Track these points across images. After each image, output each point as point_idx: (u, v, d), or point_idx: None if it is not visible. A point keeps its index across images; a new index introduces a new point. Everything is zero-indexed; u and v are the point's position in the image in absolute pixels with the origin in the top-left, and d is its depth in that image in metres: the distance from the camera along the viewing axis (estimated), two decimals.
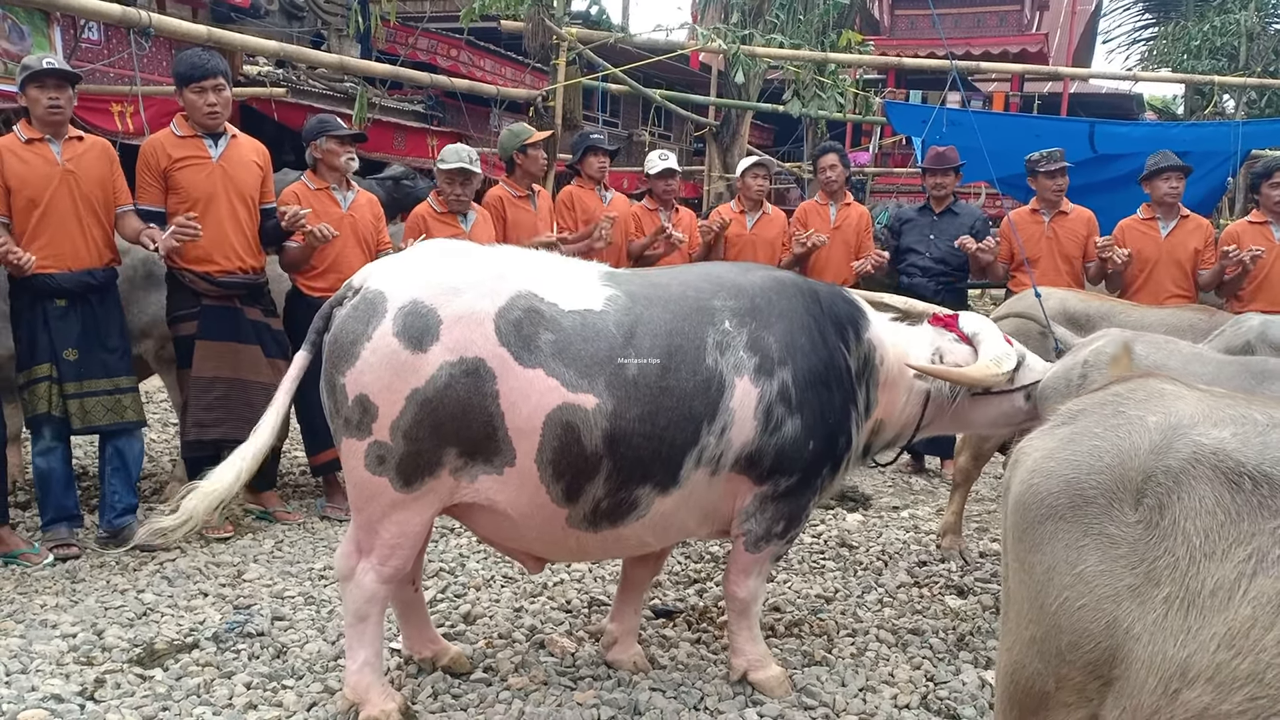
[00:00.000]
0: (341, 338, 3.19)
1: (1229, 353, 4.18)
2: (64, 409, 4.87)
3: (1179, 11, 20.88)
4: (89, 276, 4.93)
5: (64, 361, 4.85)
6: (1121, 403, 2.03)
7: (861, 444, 3.87)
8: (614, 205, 7.10)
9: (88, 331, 4.93)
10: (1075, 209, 6.88)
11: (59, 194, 4.81)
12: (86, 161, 4.93)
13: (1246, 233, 6.40)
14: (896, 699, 3.76)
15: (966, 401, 3.94)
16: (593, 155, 7.04)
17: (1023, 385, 4.02)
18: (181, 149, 5.17)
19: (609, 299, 3.33)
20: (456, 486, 3.25)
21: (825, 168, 7.38)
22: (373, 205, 5.96)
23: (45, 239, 4.80)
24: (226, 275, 5.25)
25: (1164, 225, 6.50)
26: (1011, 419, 4.10)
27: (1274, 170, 6.34)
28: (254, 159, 5.42)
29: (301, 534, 5.44)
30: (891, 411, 3.92)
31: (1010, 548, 2.12)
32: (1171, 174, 6.45)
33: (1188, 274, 6.46)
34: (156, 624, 4.17)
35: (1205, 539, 1.81)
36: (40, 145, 4.82)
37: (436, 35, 15.36)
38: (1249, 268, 6.07)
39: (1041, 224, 6.84)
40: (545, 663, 3.91)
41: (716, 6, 13.74)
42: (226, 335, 5.26)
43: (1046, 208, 6.86)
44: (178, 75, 5.19)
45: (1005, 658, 2.12)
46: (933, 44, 21.08)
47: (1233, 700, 1.71)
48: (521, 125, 6.97)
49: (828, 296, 3.77)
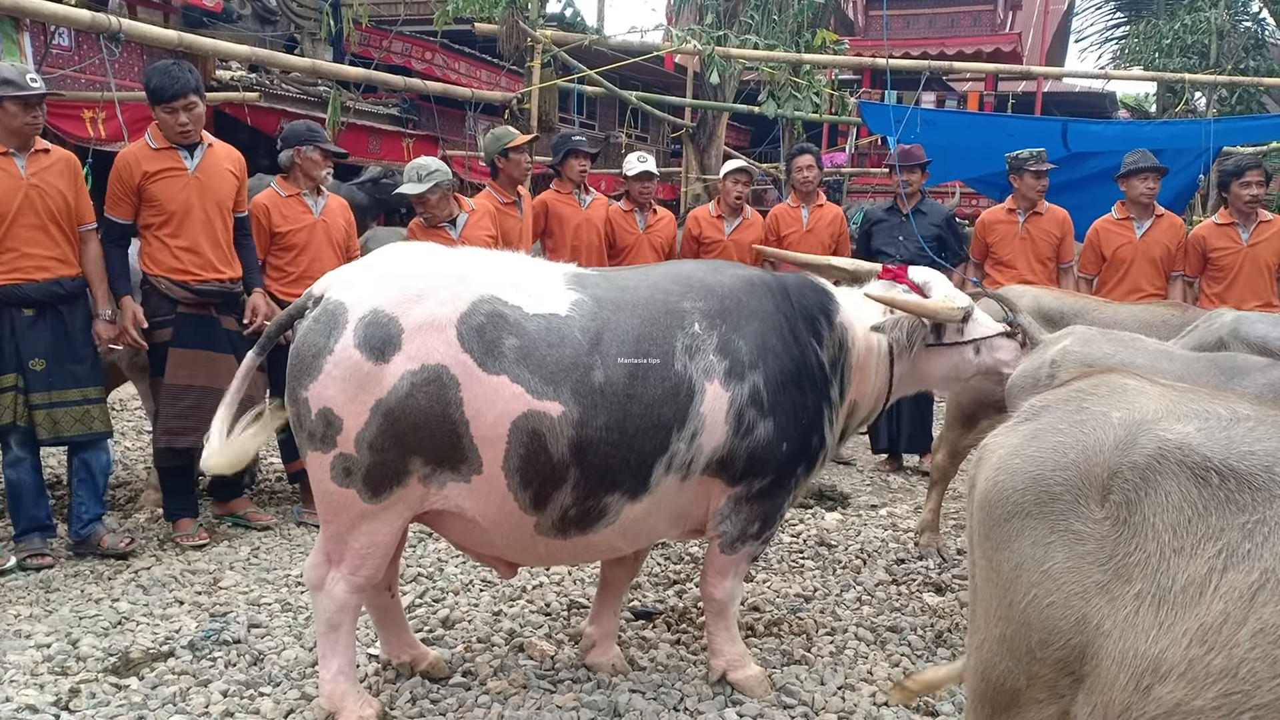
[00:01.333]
0: (303, 351, 3.15)
1: (1201, 349, 4.20)
2: (30, 419, 4.83)
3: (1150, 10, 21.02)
4: (57, 286, 4.90)
5: (30, 372, 4.81)
6: (1085, 398, 2.05)
7: (837, 434, 3.86)
8: (593, 208, 7.11)
9: (57, 341, 4.89)
10: (1050, 208, 6.93)
11: (24, 208, 4.78)
12: (51, 175, 4.90)
13: (1212, 234, 6.47)
14: (875, 697, 3.78)
15: (922, 353, 3.94)
16: (574, 158, 7.04)
17: (973, 339, 4.03)
18: (156, 162, 5.13)
19: (575, 303, 3.29)
20: (426, 494, 3.22)
21: (800, 168, 7.40)
22: (344, 211, 5.95)
23: (12, 252, 4.77)
24: (202, 284, 5.22)
25: (1139, 225, 6.56)
26: (962, 371, 4.09)
27: (1245, 169, 6.40)
28: (229, 168, 5.38)
29: (278, 540, 5.41)
30: (864, 389, 3.91)
31: (977, 545, 2.12)
32: (1148, 174, 6.51)
33: (1162, 273, 6.52)
34: (132, 633, 4.13)
35: (1174, 535, 1.82)
36: (4, 159, 4.79)
37: (410, 38, 15.29)
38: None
39: (1016, 223, 6.89)
40: (524, 666, 3.91)
41: (691, 8, 13.76)
42: (201, 343, 5.22)
43: (1024, 207, 6.89)
44: (149, 91, 5.12)
45: (975, 656, 2.13)
46: (907, 44, 21.18)
47: (1206, 696, 1.72)
48: (504, 129, 6.96)
49: (797, 290, 3.74)
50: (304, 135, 5.71)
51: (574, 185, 7.10)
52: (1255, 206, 6.37)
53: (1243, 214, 6.40)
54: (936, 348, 3.99)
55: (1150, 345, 3.94)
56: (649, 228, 7.25)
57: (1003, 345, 4.11)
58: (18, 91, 4.72)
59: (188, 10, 12.50)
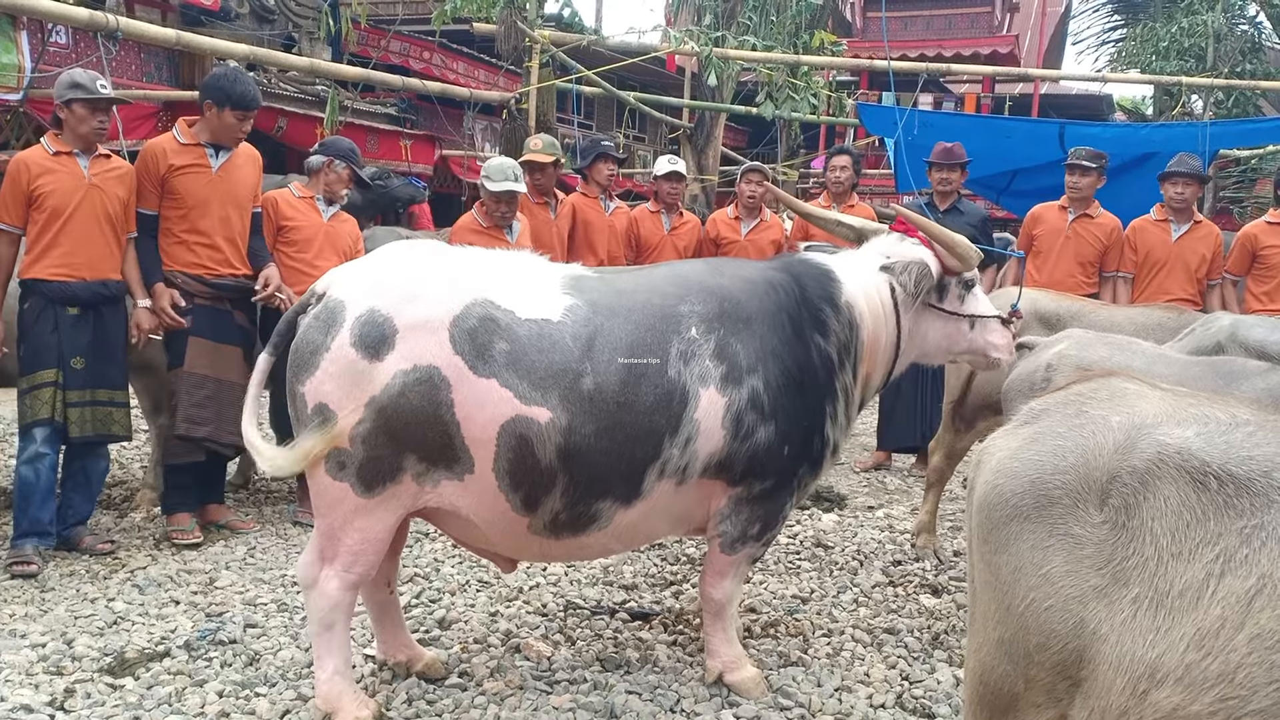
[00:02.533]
0: (302, 348, 3.21)
1: (1199, 353, 4.20)
2: (65, 415, 4.87)
3: (1147, 13, 21.03)
4: (103, 287, 4.98)
5: (70, 369, 4.88)
6: (1084, 402, 2.05)
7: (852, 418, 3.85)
8: (615, 215, 7.25)
9: (96, 341, 4.97)
10: (1103, 214, 6.78)
11: (82, 207, 4.88)
12: (111, 179, 5.00)
13: (1265, 233, 6.41)
14: (872, 698, 3.77)
15: (923, 312, 3.93)
16: (602, 162, 7.19)
17: (972, 313, 4.02)
18: (183, 156, 5.20)
19: (569, 309, 3.28)
20: (420, 492, 3.25)
21: (836, 168, 7.44)
22: (353, 226, 6.01)
23: (65, 248, 4.86)
24: (218, 278, 5.29)
25: (1176, 228, 6.51)
26: (956, 343, 4.06)
27: None
28: (251, 169, 5.47)
29: (274, 540, 5.40)
30: (875, 358, 3.86)
31: (976, 549, 2.12)
32: (1179, 179, 6.45)
33: (1194, 279, 6.45)
34: (127, 633, 4.12)
35: (1173, 539, 1.82)
36: (68, 159, 4.90)
37: (409, 38, 15.28)
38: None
39: (1065, 221, 6.81)
40: (521, 667, 3.90)
41: (689, 8, 13.76)
42: (218, 336, 5.29)
43: (1073, 206, 6.80)
44: (223, 94, 5.15)
45: (974, 659, 2.13)
46: (905, 45, 21.20)
47: (1203, 701, 1.72)
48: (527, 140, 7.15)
49: (800, 283, 3.69)
50: (343, 151, 5.83)
51: (600, 189, 7.22)
52: None
53: None
54: (936, 311, 3.98)
55: (1147, 349, 3.94)
56: (674, 229, 7.37)
57: (996, 329, 4.08)
58: (87, 95, 4.83)
59: (186, 9, 12.50)
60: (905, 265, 3.82)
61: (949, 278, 3.96)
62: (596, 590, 4.77)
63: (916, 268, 3.81)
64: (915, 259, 3.84)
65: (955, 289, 3.99)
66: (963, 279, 3.99)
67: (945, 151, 7.24)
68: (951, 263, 3.91)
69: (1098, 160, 6.69)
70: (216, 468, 5.60)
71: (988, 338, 4.06)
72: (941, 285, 3.95)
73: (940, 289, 3.95)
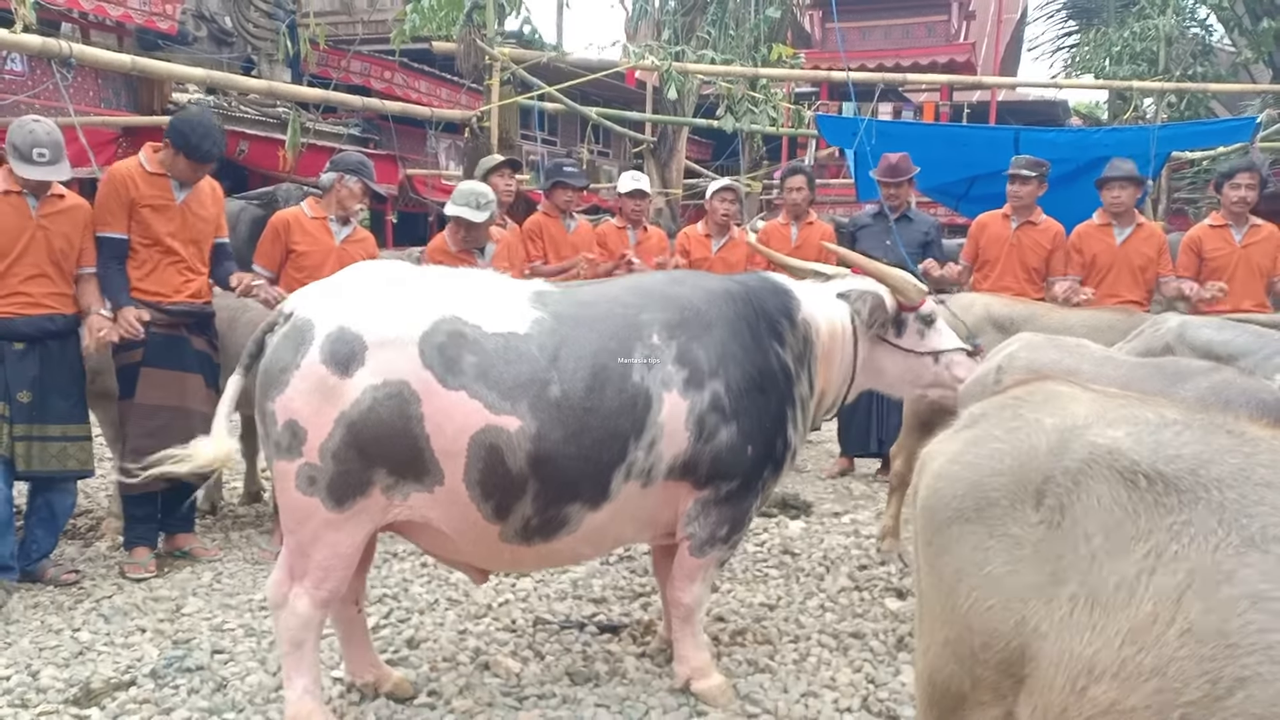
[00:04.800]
0: (271, 366, 3.26)
1: (1148, 354, 4.29)
2: (10, 450, 4.83)
3: (1100, 18, 21.38)
4: (49, 322, 4.93)
5: (16, 403, 4.83)
6: (1020, 405, 2.11)
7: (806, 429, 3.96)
8: (578, 233, 7.30)
9: (44, 375, 4.91)
10: (1046, 220, 6.90)
11: (30, 248, 4.84)
12: (61, 220, 4.94)
13: (1208, 236, 6.55)
14: (838, 702, 3.82)
15: (882, 347, 4.09)
16: (560, 190, 7.24)
17: (935, 350, 4.15)
18: (150, 186, 5.17)
19: (534, 321, 3.38)
20: (389, 505, 3.30)
21: (792, 189, 7.53)
22: (367, 243, 5.96)
23: (11, 286, 4.83)
24: (173, 304, 5.25)
25: (1119, 232, 6.62)
26: (920, 378, 4.21)
27: (1236, 171, 6.49)
28: (212, 201, 5.44)
29: (241, 565, 5.38)
30: (831, 375, 4.01)
31: (921, 551, 2.18)
32: (1116, 183, 6.58)
33: (1141, 281, 6.56)
34: (93, 662, 4.10)
35: (1106, 537, 1.87)
36: (17, 199, 4.84)
37: (369, 58, 15.30)
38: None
39: (1009, 230, 6.93)
40: (490, 684, 3.92)
41: (649, 24, 13.86)
42: (173, 364, 5.23)
43: (1016, 214, 6.91)
44: (183, 142, 5.11)
45: (922, 660, 2.19)
46: (863, 56, 21.43)
47: (1138, 695, 1.76)
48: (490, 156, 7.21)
49: (758, 295, 3.83)
50: (353, 165, 5.80)
51: (561, 212, 7.28)
52: (1245, 208, 6.44)
53: (1234, 216, 6.48)
54: (897, 348, 4.11)
55: (1096, 351, 4.03)
56: (639, 245, 7.42)
57: (962, 362, 4.21)
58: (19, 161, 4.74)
59: (142, 33, 12.45)
60: (860, 294, 4.01)
61: (906, 314, 4.11)
62: (565, 604, 4.79)
63: (871, 298, 4.00)
64: (871, 289, 4.03)
65: (914, 325, 4.14)
66: (921, 315, 4.14)
67: (890, 168, 7.37)
68: (901, 299, 4.06)
69: (1037, 168, 6.79)
70: (184, 495, 5.50)
71: (954, 371, 4.20)
72: (899, 321, 4.11)
73: (899, 324, 4.11)
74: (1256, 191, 6.45)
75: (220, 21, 14.60)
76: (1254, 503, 1.75)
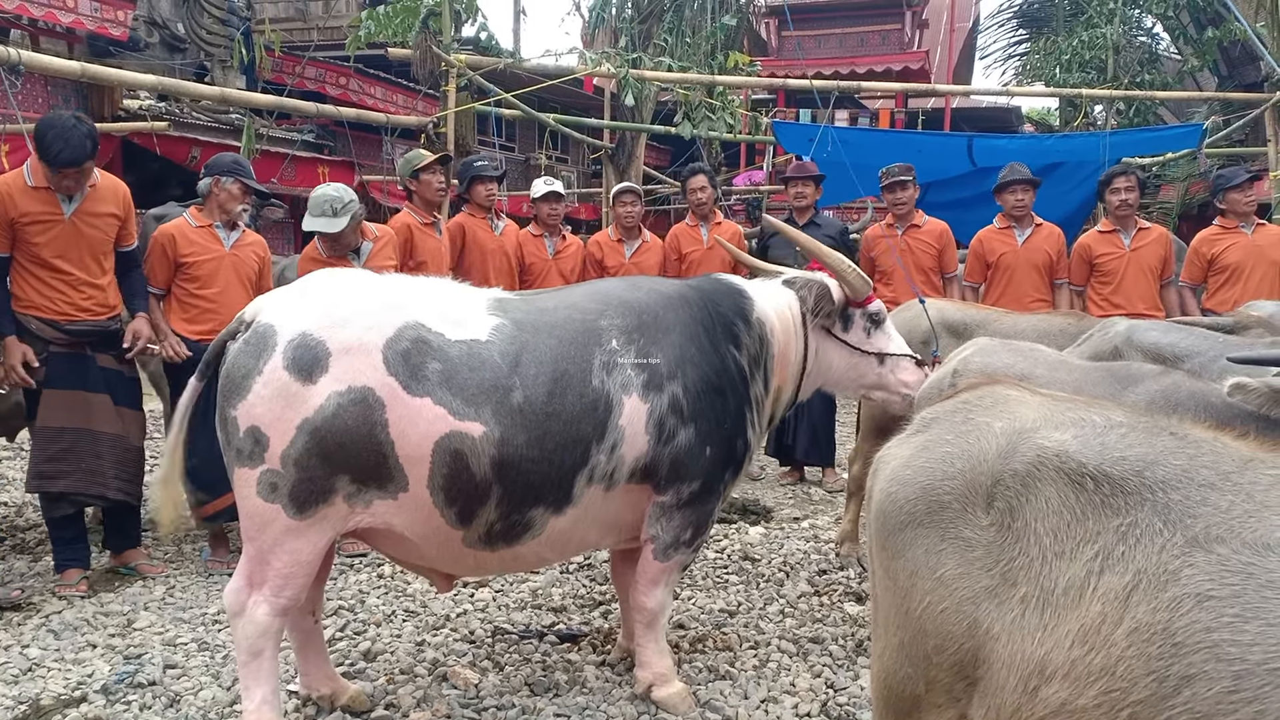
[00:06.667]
0: (233, 373, 3.24)
1: (1097, 358, 4.34)
2: None
3: (1050, 27, 21.69)
4: None
5: None
6: (970, 409, 2.13)
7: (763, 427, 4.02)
8: (505, 235, 7.14)
9: None
10: (929, 221, 7.17)
11: None
12: None
13: (1098, 241, 6.76)
14: (798, 708, 3.84)
15: (828, 340, 4.13)
16: (479, 184, 7.05)
17: (881, 351, 4.20)
18: (33, 202, 4.79)
19: (495, 328, 3.40)
20: (351, 512, 3.28)
21: (694, 189, 7.55)
22: (259, 247, 5.79)
23: None
24: (74, 323, 4.97)
25: (1020, 233, 6.86)
26: (864, 377, 4.24)
27: (1114, 176, 6.71)
28: (110, 209, 5.03)
29: (193, 579, 5.30)
30: (786, 372, 4.05)
31: (875, 555, 2.19)
32: (1017, 186, 6.81)
33: (1045, 280, 6.82)
34: (42, 679, 4.02)
35: (1055, 539, 1.89)
36: None
37: (324, 64, 15.16)
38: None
39: (895, 237, 7.08)
40: (448, 695, 3.89)
41: (605, 31, 13.87)
42: (75, 384, 4.97)
43: (898, 222, 7.13)
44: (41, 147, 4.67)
45: (878, 664, 2.20)
46: (819, 63, 21.60)
47: (1088, 695, 1.78)
48: (416, 151, 6.94)
49: (713, 298, 3.87)
50: (226, 167, 5.59)
51: (485, 210, 7.11)
52: (1129, 211, 6.65)
53: (1120, 220, 6.69)
54: (842, 344, 4.16)
55: (1049, 355, 4.07)
56: (558, 253, 7.34)
57: (908, 368, 4.25)
58: None
59: (93, 39, 12.27)
60: (806, 281, 4.06)
61: (853, 309, 4.16)
62: (525, 614, 4.76)
63: (817, 285, 4.05)
64: (816, 278, 4.08)
65: (860, 321, 4.19)
66: (868, 313, 4.18)
67: (798, 166, 7.48)
68: (848, 290, 4.10)
69: (909, 172, 7.14)
70: (129, 511, 5.36)
71: (899, 375, 4.24)
72: (846, 315, 4.16)
73: (845, 318, 4.15)
74: (1136, 194, 6.70)
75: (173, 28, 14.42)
76: (1198, 504, 1.77)
